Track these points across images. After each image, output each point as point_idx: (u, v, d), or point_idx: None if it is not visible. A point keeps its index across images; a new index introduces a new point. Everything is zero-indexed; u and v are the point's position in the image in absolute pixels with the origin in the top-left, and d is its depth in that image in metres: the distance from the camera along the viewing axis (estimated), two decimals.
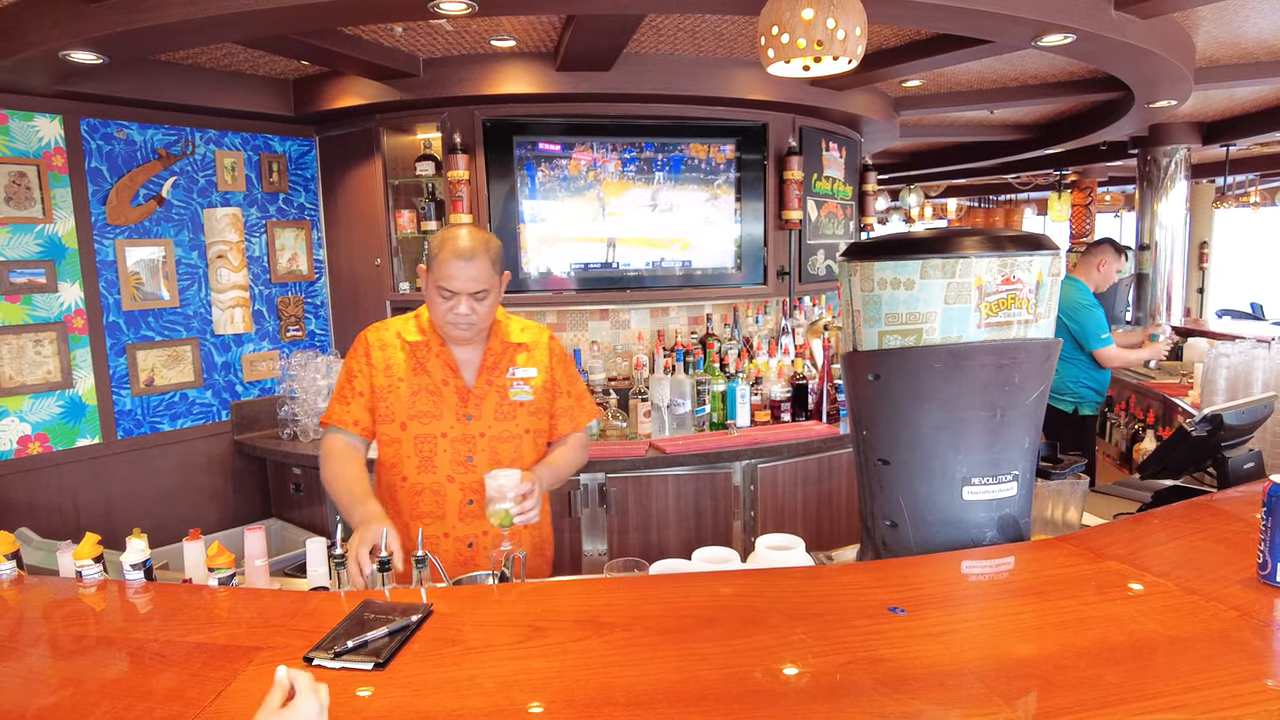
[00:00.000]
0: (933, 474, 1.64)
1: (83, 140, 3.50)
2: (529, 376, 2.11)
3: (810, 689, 1.15)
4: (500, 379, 2.09)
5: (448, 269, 1.93)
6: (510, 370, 2.10)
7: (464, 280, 1.93)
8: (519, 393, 2.09)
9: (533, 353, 2.14)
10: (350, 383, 2.08)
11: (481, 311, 1.98)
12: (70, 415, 3.53)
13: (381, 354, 2.08)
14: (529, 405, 2.10)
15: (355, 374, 2.08)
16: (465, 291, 1.94)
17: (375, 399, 2.06)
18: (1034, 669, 1.17)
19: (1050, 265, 1.63)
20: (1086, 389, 4.37)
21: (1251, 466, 2.18)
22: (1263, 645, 1.23)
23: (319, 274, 4.38)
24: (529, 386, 2.11)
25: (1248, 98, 5.42)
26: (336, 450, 2.06)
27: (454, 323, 1.98)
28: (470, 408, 2.05)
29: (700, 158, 4.05)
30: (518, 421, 2.09)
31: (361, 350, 2.09)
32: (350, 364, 2.10)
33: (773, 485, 3.56)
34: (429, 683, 1.18)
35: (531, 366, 2.12)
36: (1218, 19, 3.54)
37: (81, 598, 1.57)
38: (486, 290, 1.97)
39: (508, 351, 2.12)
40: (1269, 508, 1.38)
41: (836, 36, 1.60)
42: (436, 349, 2.07)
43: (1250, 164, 8.15)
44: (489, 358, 2.09)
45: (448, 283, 1.93)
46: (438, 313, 2.00)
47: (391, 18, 2.80)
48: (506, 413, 2.08)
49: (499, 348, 2.11)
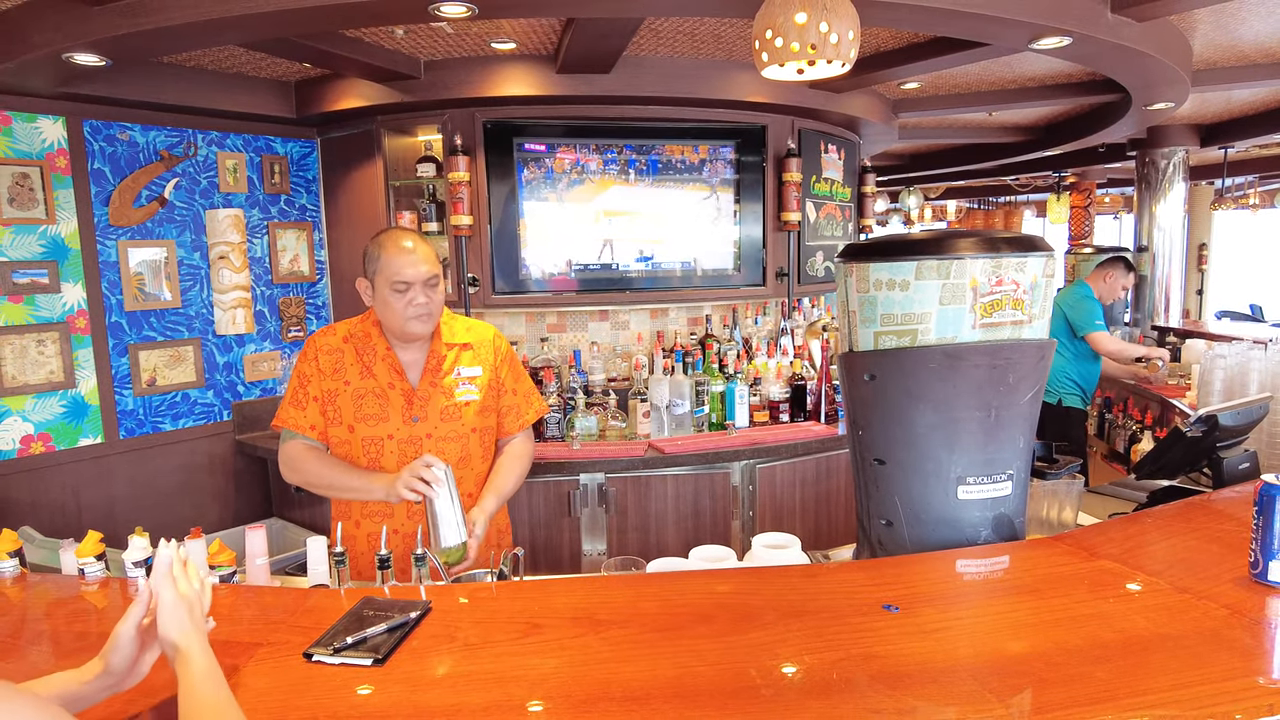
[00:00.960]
0: (928, 473, 1.66)
1: (86, 142, 3.52)
2: (474, 375, 2.13)
3: (805, 686, 1.17)
4: (445, 380, 2.11)
5: (397, 262, 1.99)
6: (455, 370, 2.12)
7: (416, 269, 1.98)
8: (465, 392, 2.11)
9: (477, 351, 2.17)
10: (304, 387, 2.10)
11: (436, 299, 2.04)
12: (73, 415, 3.54)
13: (329, 358, 2.10)
14: (475, 404, 2.12)
15: (308, 379, 2.10)
16: (420, 280, 1.99)
17: (325, 403, 2.08)
18: (1027, 666, 1.18)
19: (1044, 266, 1.65)
20: (1070, 381, 4.49)
21: (1246, 467, 2.19)
22: (1253, 643, 1.24)
23: (320, 275, 4.40)
24: (474, 385, 2.13)
25: (1245, 100, 5.43)
26: (303, 453, 2.09)
27: (415, 315, 2.01)
28: (416, 410, 2.07)
29: (699, 160, 4.07)
30: (464, 421, 2.11)
31: (310, 355, 2.11)
32: (302, 368, 2.11)
33: (771, 485, 3.58)
34: (427, 679, 1.20)
35: (477, 365, 2.15)
36: (1215, 22, 3.56)
37: (84, 595, 1.58)
38: (436, 276, 2.03)
39: (452, 351, 2.14)
40: (1260, 507, 1.39)
41: (830, 40, 1.61)
42: (382, 352, 2.09)
43: (1248, 166, 8.17)
44: (433, 359, 2.11)
45: (401, 274, 1.98)
46: (394, 312, 2.01)
47: (392, 21, 2.81)
48: (452, 413, 2.10)
49: (443, 349, 2.13)
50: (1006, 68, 4.25)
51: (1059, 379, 4.54)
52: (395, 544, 2.05)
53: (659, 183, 4.01)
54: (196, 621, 1.06)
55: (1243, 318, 9.48)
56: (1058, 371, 4.50)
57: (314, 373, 2.09)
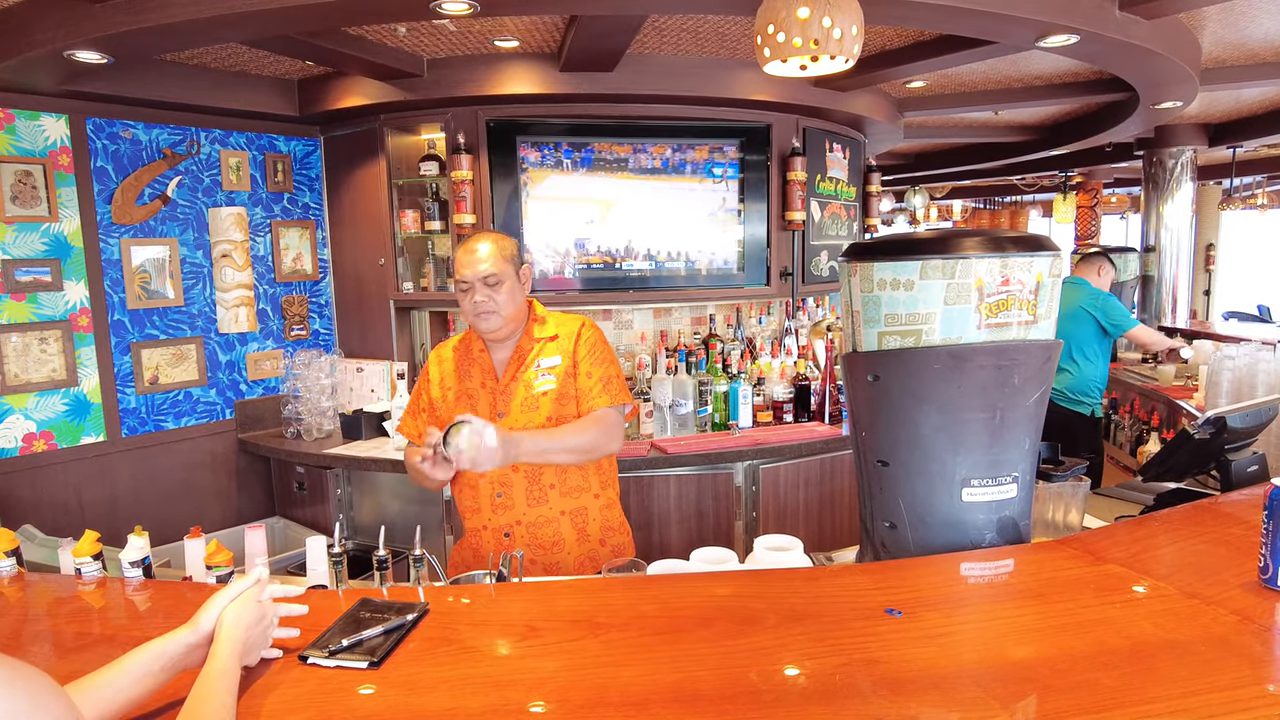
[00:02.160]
0: (932, 475, 1.64)
1: (88, 140, 3.51)
2: (553, 365, 2.14)
3: (806, 691, 1.15)
4: (526, 373, 2.13)
5: (459, 262, 2.07)
6: (536, 363, 2.14)
7: (474, 266, 2.03)
8: (543, 383, 2.12)
9: (561, 342, 2.17)
10: (417, 399, 2.27)
11: (499, 299, 2.05)
12: (75, 413, 3.54)
13: (437, 369, 2.23)
14: (552, 393, 2.13)
15: (421, 392, 2.26)
16: (477, 278, 2.03)
17: (435, 410, 2.21)
18: (1031, 672, 1.17)
19: (1050, 266, 1.62)
20: (1099, 388, 4.41)
21: (1255, 470, 2.16)
22: (1263, 650, 1.22)
23: (323, 274, 4.40)
24: (552, 374, 2.14)
25: (1254, 99, 5.39)
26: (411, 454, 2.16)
27: (477, 313, 2.07)
28: (500, 404, 2.12)
29: (703, 159, 4.05)
30: (540, 411, 2.12)
31: (425, 368, 2.27)
32: (419, 381, 2.28)
33: (775, 486, 3.56)
34: (423, 682, 1.18)
35: (556, 355, 2.15)
36: (1224, 19, 3.53)
37: (80, 595, 1.57)
38: (497, 276, 2.04)
39: (535, 345, 2.17)
40: (1270, 511, 1.37)
41: (833, 35, 1.59)
42: (477, 354, 2.18)
43: (1257, 166, 8.11)
44: (517, 354, 2.15)
45: (460, 272, 2.06)
46: (465, 312, 2.10)
47: (394, 18, 2.80)
48: (531, 405, 2.11)
49: (528, 344, 2.16)
50: (1013, 66, 4.22)
51: (1090, 387, 4.36)
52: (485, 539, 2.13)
53: (663, 181, 4.00)
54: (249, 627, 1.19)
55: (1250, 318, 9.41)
56: (1089, 379, 4.34)
57: (425, 384, 2.24)
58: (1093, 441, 4.42)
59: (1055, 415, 4.52)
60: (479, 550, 2.14)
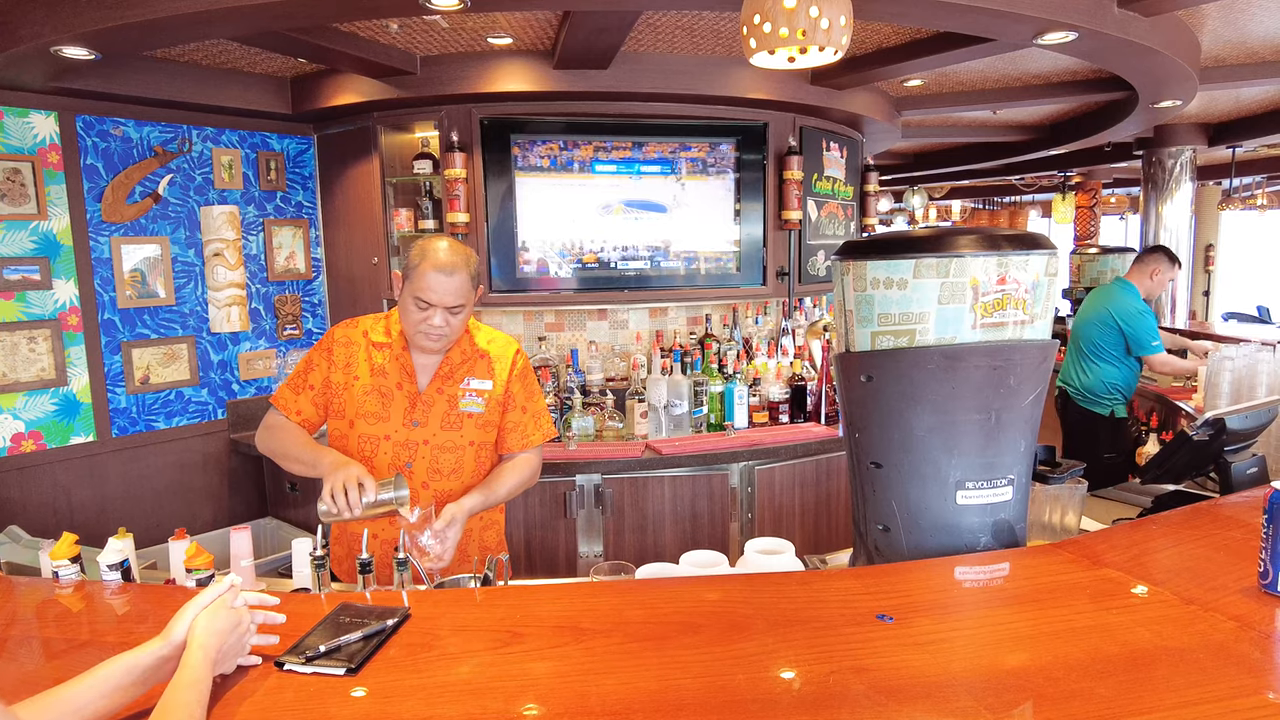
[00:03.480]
0: (926, 478, 1.61)
1: (78, 137, 3.48)
2: (483, 389, 2.07)
3: (792, 699, 1.12)
4: (452, 388, 2.06)
5: (426, 281, 1.91)
6: (465, 380, 2.07)
7: (442, 294, 1.92)
8: (469, 404, 2.06)
9: (494, 364, 2.11)
10: (306, 374, 2.09)
11: (455, 324, 1.98)
12: (64, 413, 3.51)
13: (344, 351, 2.07)
14: (478, 418, 2.07)
15: (313, 366, 2.08)
16: (442, 305, 1.93)
17: (330, 395, 2.06)
18: (1024, 681, 1.14)
19: (1047, 265, 1.59)
20: (1121, 392, 4.34)
21: (1255, 472, 2.14)
22: (1262, 658, 1.19)
23: (316, 272, 4.37)
24: (481, 398, 2.07)
25: (1254, 98, 5.37)
26: (279, 424, 2.08)
27: (426, 333, 1.96)
28: (418, 414, 2.03)
29: (699, 157, 4.02)
30: (463, 433, 2.06)
31: (326, 344, 2.09)
32: (312, 354, 2.10)
33: (770, 487, 3.53)
34: (401, 689, 1.15)
35: (488, 379, 2.09)
36: (1224, 17, 3.50)
37: (56, 599, 1.54)
38: (462, 305, 1.96)
39: (467, 361, 2.08)
40: (1270, 515, 1.34)
41: (820, 25, 1.56)
42: (397, 352, 2.05)
43: (1257, 166, 8.09)
44: (445, 366, 2.06)
45: (425, 294, 1.92)
46: (410, 321, 1.97)
47: (383, 14, 2.77)
48: (453, 423, 2.05)
49: (458, 357, 2.08)
50: (1011, 64, 4.19)
51: (1113, 391, 4.33)
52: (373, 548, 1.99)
53: (658, 180, 3.97)
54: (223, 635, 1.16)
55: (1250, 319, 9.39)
56: (1106, 381, 4.32)
57: (322, 362, 2.08)
58: (1115, 443, 4.36)
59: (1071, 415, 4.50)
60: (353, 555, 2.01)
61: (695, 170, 4.01)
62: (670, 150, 3.96)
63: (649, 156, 3.94)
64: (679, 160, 3.98)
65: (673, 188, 3.99)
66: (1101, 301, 4.39)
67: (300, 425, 2.07)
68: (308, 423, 2.08)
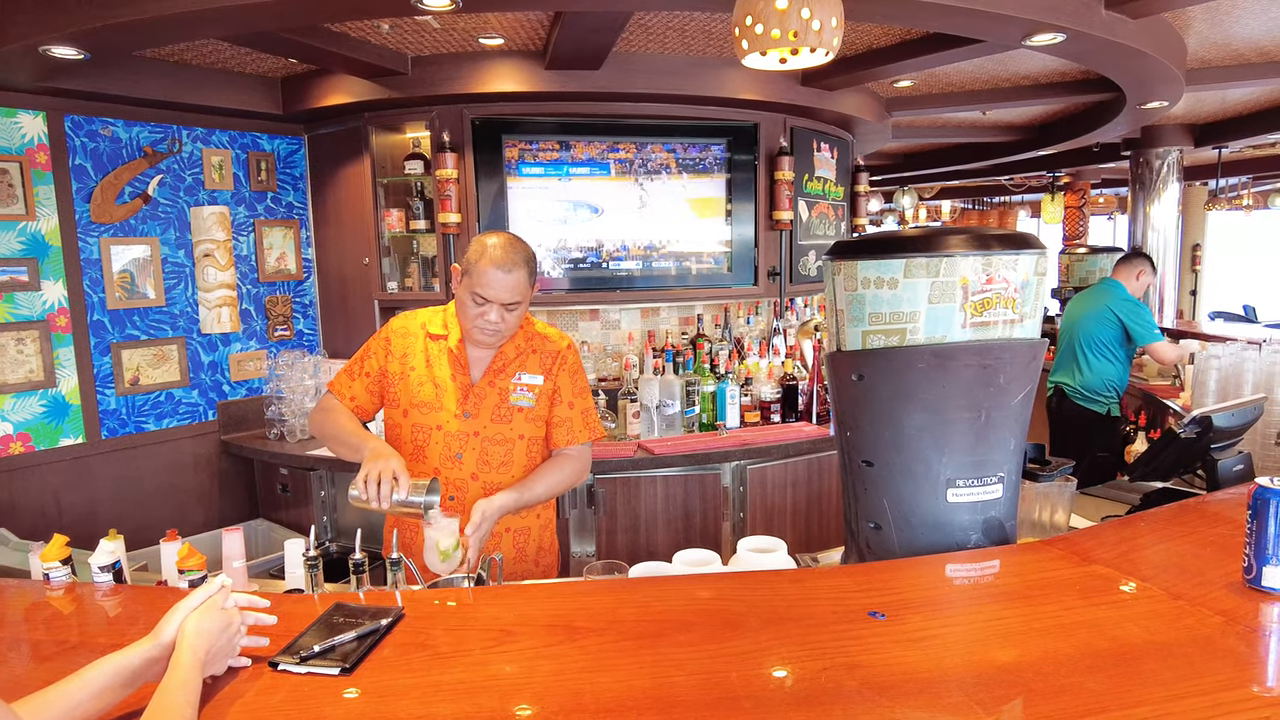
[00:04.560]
0: (917, 476, 1.62)
1: (67, 137, 3.46)
2: (534, 383, 2.09)
3: (785, 696, 1.13)
4: (504, 381, 2.07)
5: (485, 278, 1.93)
6: (517, 375, 2.08)
7: (499, 290, 1.94)
8: (520, 397, 2.07)
9: (544, 359, 2.12)
10: (363, 361, 2.14)
11: (510, 321, 2.00)
12: (53, 415, 3.49)
13: (401, 341, 2.11)
14: (528, 411, 2.08)
15: (370, 354, 2.13)
16: (499, 301, 1.95)
17: (385, 383, 2.10)
18: (1015, 676, 1.15)
19: (1036, 264, 1.61)
20: (1117, 390, 4.40)
21: (1241, 469, 2.16)
22: (1248, 651, 1.21)
23: (307, 273, 4.35)
24: (531, 393, 2.08)
25: (1240, 99, 5.41)
26: (333, 406, 2.12)
27: (482, 328, 1.99)
28: (470, 405, 2.05)
29: (691, 158, 4.03)
30: (513, 426, 2.07)
31: (384, 334, 2.14)
32: (371, 343, 2.15)
33: (762, 487, 3.54)
34: (396, 688, 1.16)
35: (539, 373, 2.10)
36: (1209, 19, 3.53)
37: (47, 601, 1.53)
38: (519, 302, 1.98)
39: (520, 355, 2.10)
40: (1255, 512, 1.36)
41: (812, 27, 1.56)
42: (453, 343, 2.08)
43: (1242, 167, 8.16)
44: (499, 359, 2.08)
45: (484, 290, 1.94)
46: (466, 316, 2.00)
47: (375, 14, 2.77)
48: (503, 415, 2.06)
49: (512, 352, 2.09)
50: (1000, 65, 4.22)
51: (1110, 389, 4.38)
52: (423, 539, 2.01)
53: (650, 181, 3.97)
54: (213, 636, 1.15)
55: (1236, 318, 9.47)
56: (1104, 379, 4.37)
57: (380, 351, 2.11)
58: (1108, 441, 4.41)
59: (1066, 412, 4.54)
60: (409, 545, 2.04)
61: (687, 170, 4.02)
62: (662, 150, 3.97)
63: (640, 157, 3.95)
64: (671, 160, 3.99)
65: (664, 188, 4.00)
66: (1097, 299, 4.45)
67: (353, 411, 2.11)
68: (361, 409, 2.12)
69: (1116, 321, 4.34)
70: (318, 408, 2.16)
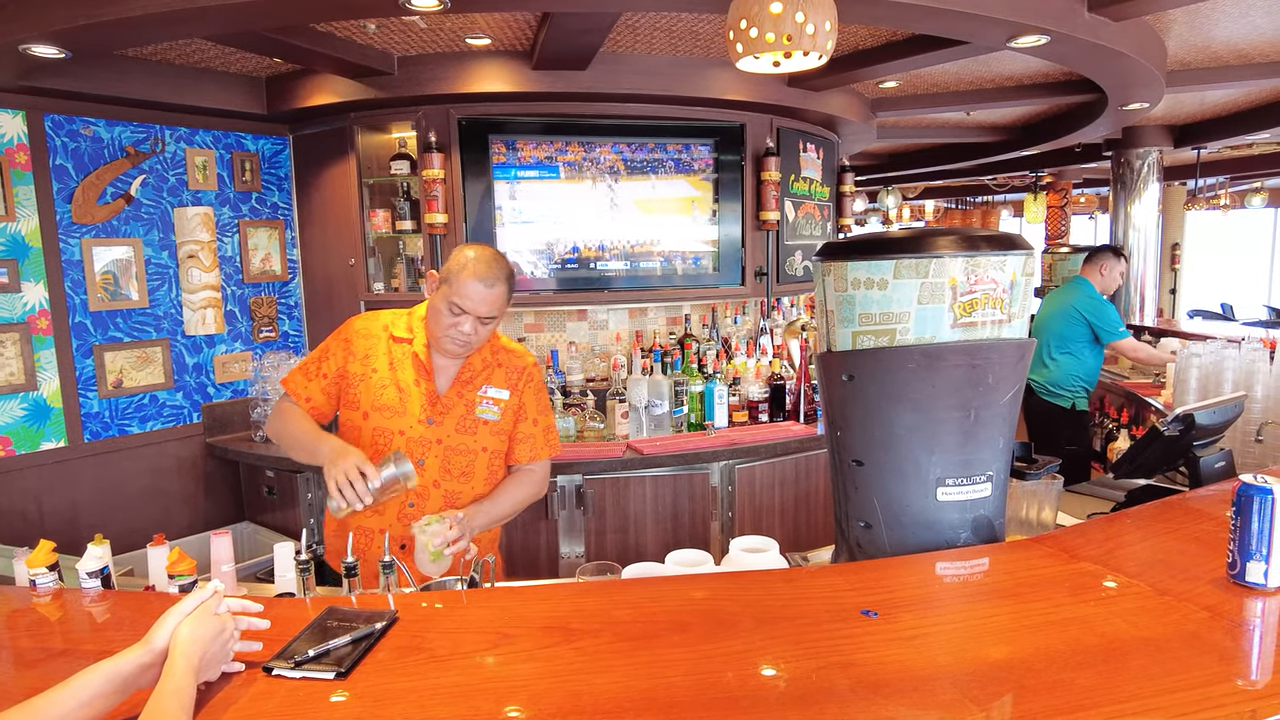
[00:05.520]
0: (907, 475, 1.63)
1: (47, 137, 3.42)
2: (500, 398, 2.10)
3: (781, 695, 1.14)
4: (471, 393, 2.07)
5: (466, 289, 1.92)
6: (484, 387, 2.09)
7: (478, 303, 1.93)
8: (485, 411, 2.08)
9: (510, 374, 2.13)
10: (320, 361, 2.09)
11: (482, 334, 2.00)
12: (34, 418, 3.45)
13: (364, 342, 2.08)
14: (493, 425, 2.09)
15: (329, 355, 2.09)
16: (477, 314, 1.95)
17: (345, 385, 2.06)
18: (1007, 673, 1.16)
19: (1024, 265, 1.63)
20: (1083, 384, 4.47)
21: (1222, 466, 2.19)
22: (1233, 645, 1.23)
23: (293, 274, 4.32)
24: (497, 407, 2.09)
25: (1218, 101, 5.49)
26: (290, 410, 2.08)
27: (453, 338, 1.98)
28: (435, 413, 2.04)
29: (678, 158, 4.03)
30: (477, 438, 2.08)
31: (344, 334, 2.10)
32: (329, 343, 2.11)
33: (750, 486, 3.55)
34: (391, 692, 1.15)
35: (505, 388, 2.11)
36: (1189, 22, 3.58)
37: (35, 608, 1.52)
38: (494, 316, 1.98)
39: (487, 368, 2.11)
40: (1238, 508, 1.38)
41: (806, 31, 1.57)
42: (418, 349, 2.06)
43: (1220, 167, 8.28)
44: (466, 371, 2.08)
45: (463, 301, 1.93)
46: (439, 324, 1.99)
47: (362, 14, 2.76)
48: (468, 427, 2.06)
49: (479, 364, 2.10)
50: (984, 67, 4.25)
51: (1075, 382, 4.47)
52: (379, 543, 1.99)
53: (637, 181, 3.98)
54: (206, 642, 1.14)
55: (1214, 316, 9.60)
56: (1070, 374, 4.45)
57: (339, 351, 2.08)
58: (1075, 435, 4.49)
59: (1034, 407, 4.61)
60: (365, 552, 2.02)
61: (674, 171, 4.03)
62: (649, 151, 3.97)
63: (628, 157, 3.95)
64: (657, 161, 4.00)
65: (651, 188, 4.01)
66: (1063, 299, 4.56)
67: (309, 412, 2.08)
68: (317, 410, 2.08)
69: (1082, 319, 4.43)
70: (275, 414, 2.12)
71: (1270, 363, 3.13)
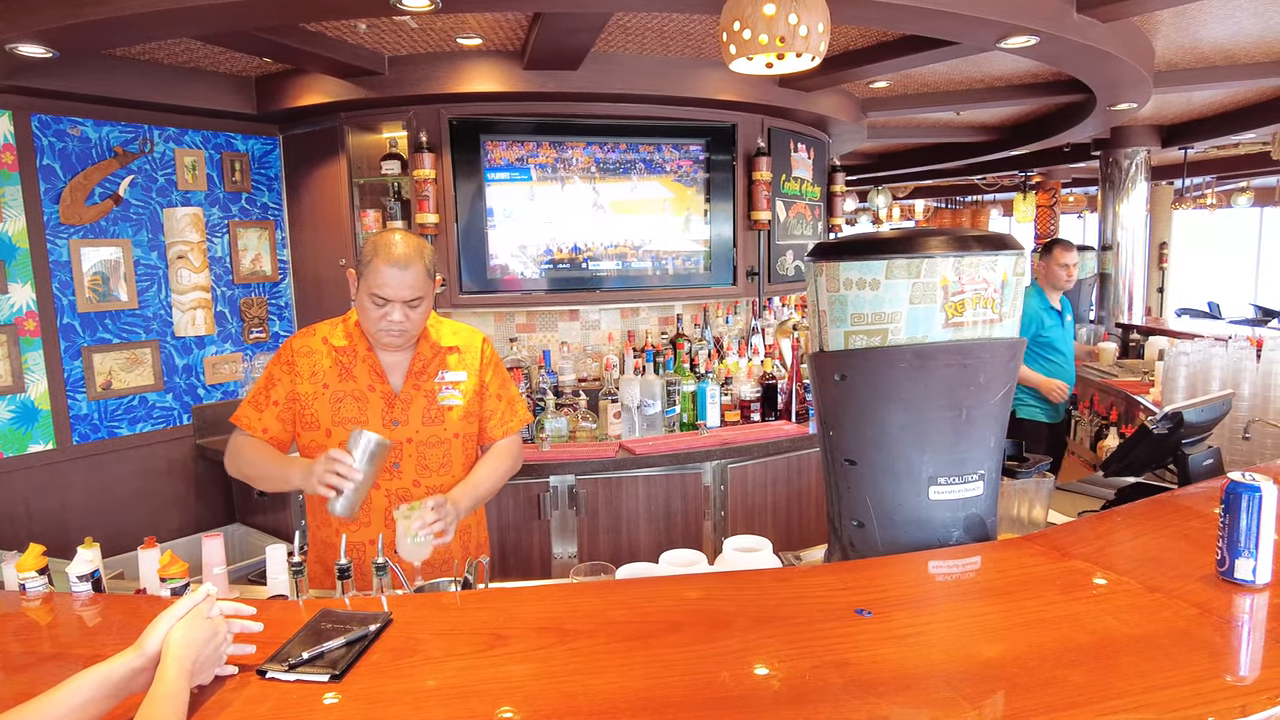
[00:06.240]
0: (899, 474, 1.64)
1: (34, 137, 3.40)
2: (458, 380, 2.07)
3: (776, 694, 1.14)
4: (428, 383, 2.04)
5: (381, 276, 1.87)
6: (440, 374, 2.06)
7: (397, 288, 1.88)
8: (448, 397, 2.05)
9: (463, 356, 2.10)
10: (268, 390, 2.02)
11: (415, 319, 1.95)
12: (22, 420, 3.42)
13: (307, 361, 2.01)
14: (459, 409, 2.06)
15: (274, 382, 2.02)
16: (399, 299, 1.89)
17: (300, 407, 2.00)
18: (1000, 670, 1.17)
19: (1015, 265, 1.64)
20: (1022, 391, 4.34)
21: (1210, 463, 2.21)
22: (1223, 642, 1.24)
23: (283, 275, 4.30)
24: (458, 390, 2.06)
25: (1205, 101, 5.54)
26: (245, 443, 2.02)
27: (386, 330, 1.93)
28: (397, 413, 2.00)
29: (669, 158, 4.04)
30: (447, 426, 2.05)
31: (285, 357, 2.03)
32: (272, 370, 2.03)
33: (743, 485, 3.56)
34: (386, 694, 1.15)
35: (461, 370, 2.08)
36: (1176, 24, 3.61)
37: (24, 612, 1.51)
38: (420, 298, 1.93)
39: (438, 355, 2.07)
40: (1227, 506, 1.39)
41: (799, 32, 1.58)
42: (363, 354, 2.01)
43: (1207, 167, 8.35)
44: (417, 362, 2.04)
45: (381, 290, 1.88)
46: (369, 320, 1.94)
47: (353, 14, 2.75)
48: (434, 417, 2.03)
49: (429, 352, 2.06)
50: (974, 67, 4.27)
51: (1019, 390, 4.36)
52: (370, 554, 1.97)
53: (628, 181, 3.98)
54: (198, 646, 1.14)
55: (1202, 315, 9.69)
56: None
57: (284, 376, 2.01)
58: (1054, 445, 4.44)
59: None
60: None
61: (665, 171, 4.03)
62: (640, 151, 3.97)
63: (619, 157, 3.95)
64: (649, 161, 4.00)
65: (643, 188, 4.01)
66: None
67: (268, 443, 2.01)
68: (275, 440, 2.02)
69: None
70: (231, 452, 2.04)
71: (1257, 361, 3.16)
